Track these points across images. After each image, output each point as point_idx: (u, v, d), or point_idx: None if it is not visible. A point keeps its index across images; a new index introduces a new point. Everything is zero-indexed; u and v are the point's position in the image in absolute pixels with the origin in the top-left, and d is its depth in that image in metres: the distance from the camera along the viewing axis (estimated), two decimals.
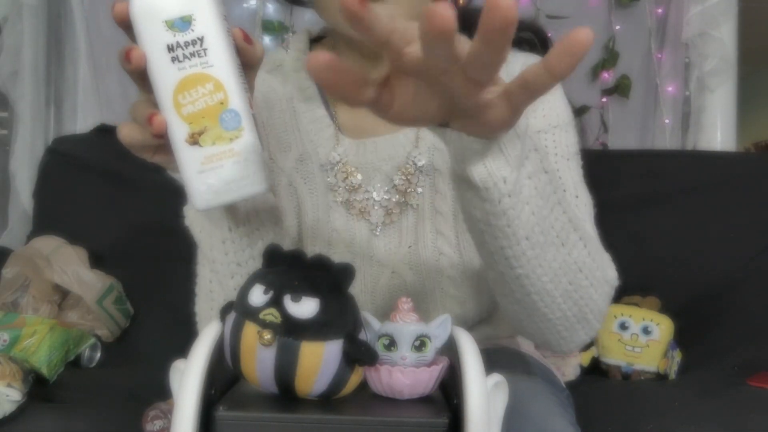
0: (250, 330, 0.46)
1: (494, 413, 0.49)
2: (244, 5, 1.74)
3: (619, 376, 1.21)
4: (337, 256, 0.80)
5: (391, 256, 0.79)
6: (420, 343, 0.50)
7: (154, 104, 0.51)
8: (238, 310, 0.48)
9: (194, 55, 0.49)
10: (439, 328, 0.52)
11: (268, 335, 0.45)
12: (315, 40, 0.86)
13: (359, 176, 0.79)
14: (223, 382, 0.51)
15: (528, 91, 0.44)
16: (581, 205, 0.71)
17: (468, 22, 0.79)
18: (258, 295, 0.47)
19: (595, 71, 1.77)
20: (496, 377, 0.49)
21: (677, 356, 1.19)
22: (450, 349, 0.52)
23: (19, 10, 1.57)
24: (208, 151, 0.51)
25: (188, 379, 0.46)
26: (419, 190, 0.78)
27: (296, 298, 0.46)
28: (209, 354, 0.48)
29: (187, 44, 0.49)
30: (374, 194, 0.79)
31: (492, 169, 0.52)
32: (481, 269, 0.77)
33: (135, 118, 0.52)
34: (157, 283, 1.33)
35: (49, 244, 1.28)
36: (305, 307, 0.46)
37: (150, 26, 0.49)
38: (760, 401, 0.94)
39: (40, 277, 1.22)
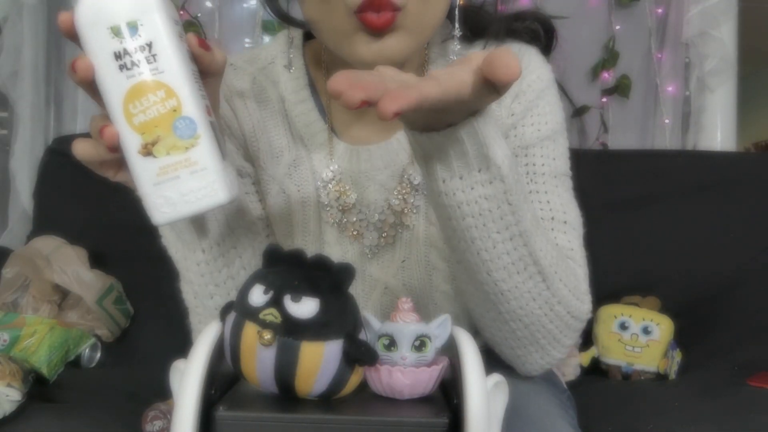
0: (250, 330, 0.46)
1: (494, 413, 0.49)
2: (244, 5, 1.74)
3: (619, 376, 1.21)
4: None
5: (383, 272, 0.77)
6: (420, 343, 0.50)
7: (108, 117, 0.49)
8: (238, 310, 0.48)
9: (143, 62, 0.47)
10: (439, 328, 0.52)
11: (268, 335, 0.45)
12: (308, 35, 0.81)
13: (353, 195, 0.76)
14: (223, 382, 0.51)
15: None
16: (570, 226, 0.71)
17: (467, 20, 0.79)
18: (258, 295, 0.47)
19: (595, 71, 1.77)
20: (496, 377, 0.49)
21: (677, 356, 1.19)
22: (450, 349, 0.52)
23: (19, 10, 1.57)
24: (162, 161, 0.48)
25: (188, 379, 0.46)
26: (415, 210, 0.76)
27: (296, 298, 0.46)
28: (209, 354, 0.48)
29: (135, 50, 0.47)
30: (369, 216, 0.76)
31: (433, 172, 0.56)
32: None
33: (91, 131, 0.50)
34: (157, 283, 1.32)
35: (49, 244, 1.28)
36: (305, 307, 0.46)
37: (95, 34, 0.47)
38: (760, 401, 0.94)
39: (40, 277, 1.22)
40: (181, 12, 1.64)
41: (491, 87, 0.47)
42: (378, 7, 0.61)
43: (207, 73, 0.52)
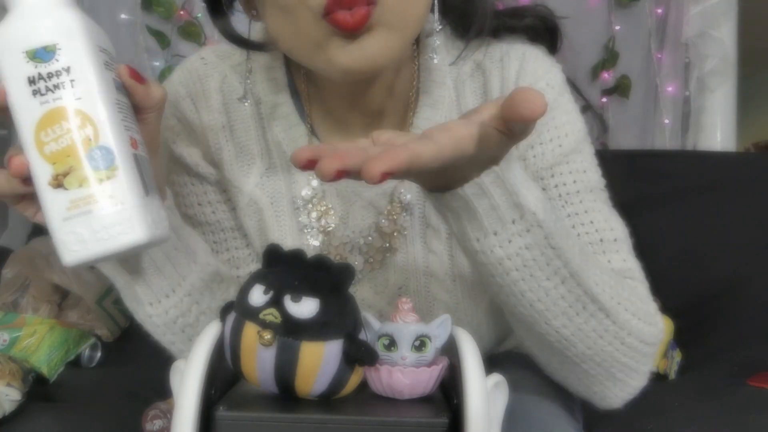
0: (250, 330, 0.46)
1: (494, 413, 0.49)
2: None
3: None
4: None
5: (378, 297, 0.71)
6: (420, 343, 0.50)
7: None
8: (238, 310, 0.48)
9: (58, 87, 0.44)
10: (439, 328, 0.52)
11: (268, 335, 0.45)
12: None
13: (336, 216, 0.69)
14: (223, 382, 0.51)
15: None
16: (621, 247, 0.66)
17: (452, 12, 0.71)
18: (258, 295, 0.47)
19: (595, 71, 1.77)
20: (496, 377, 0.49)
21: (677, 356, 1.19)
22: (450, 349, 0.52)
23: None
24: (73, 194, 0.44)
25: (188, 379, 0.46)
26: (405, 232, 0.69)
27: (296, 298, 0.46)
28: (209, 354, 0.48)
29: (50, 75, 0.44)
30: (353, 239, 0.70)
31: (465, 227, 0.52)
32: (480, 317, 0.73)
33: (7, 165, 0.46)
34: None
35: (49, 244, 1.27)
36: (305, 307, 0.46)
37: (9, 57, 0.44)
38: (760, 401, 0.94)
39: (40, 277, 1.22)
40: (181, 12, 1.64)
41: (510, 133, 0.44)
42: (349, 4, 0.52)
43: (141, 108, 0.50)
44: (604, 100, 1.78)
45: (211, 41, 1.65)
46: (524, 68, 0.68)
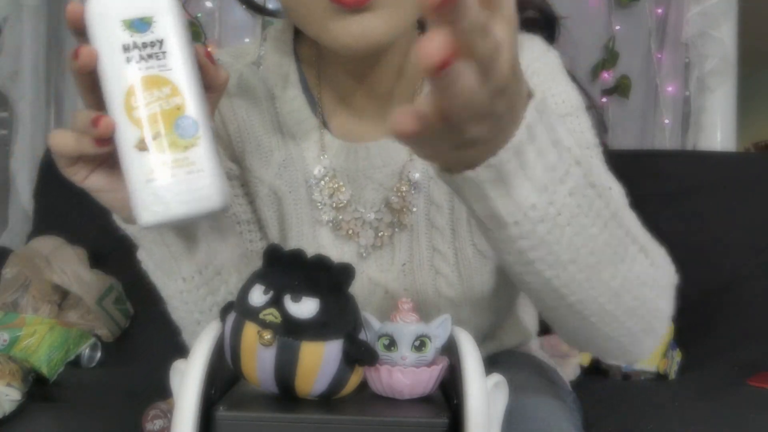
0: (250, 330, 0.46)
1: (494, 413, 0.49)
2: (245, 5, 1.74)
3: (619, 376, 1.21)
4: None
5: (383, 275, 0.73)
6: (420, 343, 0.50)
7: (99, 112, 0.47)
8: (238, 310, 0.48)
9: (152, 57, 0.47)
10: (439, 328, 0.52)
11: (268, 335, 0.45)
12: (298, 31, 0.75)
13: (348, 192, 0.71)
14: (223, 382, 0.51)
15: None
16: (617, 196, 0.63)
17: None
18: (258, 295, 0.47)
19: (595, 71, 1.77)
20: (496, 377, 0.49)
21: (677, 356, 1.19)
22: (450, 349, 0.52)
23: (19, 10, 1.58)
24: (159, 158, 0.47)
25: (188, 379, 0.46)
26: (414, 209, 0.71)
27: (296, 298, 0.46)
28: (209, 354, 0.48)
29: (144, 45, 0.47)
30: (364, 214, 0.71)
31: (518, 199, 0.45)
32: (483, 290, 0.73)
33: (73, 126, 0.48)
34: None
35: (49, 244, 1.28)
36: (305, 307, 0.46)
37: (106, 25, 0.47)
38: (760, 401, 0.94)
39: (40, 277, 1.22)
40: None
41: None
42: None
43: (209, 88, 0.51)
44: (604, 100, 1.78)
45: (211, 41, 1.65)
46: (520, 53, 0.66)
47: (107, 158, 0.51)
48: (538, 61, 0.69)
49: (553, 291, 0.52)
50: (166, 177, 0.47)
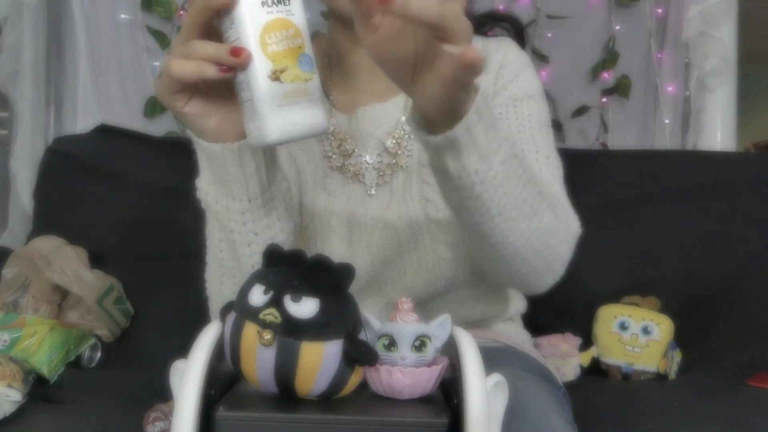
0: (250, 330, 0.46)
1: (494, 413, 0.49)
2: None
3: (619, 376, 1.21)
4: (335, 217, 0.84)
5: (383, 212, 0.85)
6: (420, 343, 0.50)
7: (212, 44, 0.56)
8: (238, 310, 0.48)
9: (281, 3, 0.56)
10: (439, 328, 0.52)
11: (268, 335, 0.45)
12: None
13: (353, 143, 0.86)
14: (223, 382, 0.51)
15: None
16: (551, 166, 0.82)
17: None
18: (258, 295, 0.47)
19: (595, 71, 1.77)
20: (496, 377, 0.49)
21: (677, 356, 1.19)
22: (450, 349, 0.52)
23: (19, 10, 1.57)
24: (287, 87, 0.56)
25: (188, 379, 0.46)
26: (408, 153, 0.86)
27: (296, 298, 0.46)
28: (209, 354, 0.48)
29: None
30: (367, 158, 0.86)
31: (465, 164, 0.60)
32: None
33: (190, 55, 0.56)
34: (157, 283, 1.33)
35: (49, 244, 1.27)
36: (305, 307, 0.46)
37: None
38: (760, 401, 0.94)
39: (40, 277, 1.21)
40: (181, 12, 1.64)
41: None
42: None
43: None
44: (604, 100, 1.78)
45: None
46: (508, 51, 0.91)
47: (202, 88, 0.60)
48: (512, 54, 0.90)
49: (480, 233, 0.67)
50: (291, 104, 0.56)
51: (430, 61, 0.52)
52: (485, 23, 1.02)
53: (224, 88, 0.59)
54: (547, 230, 0.70)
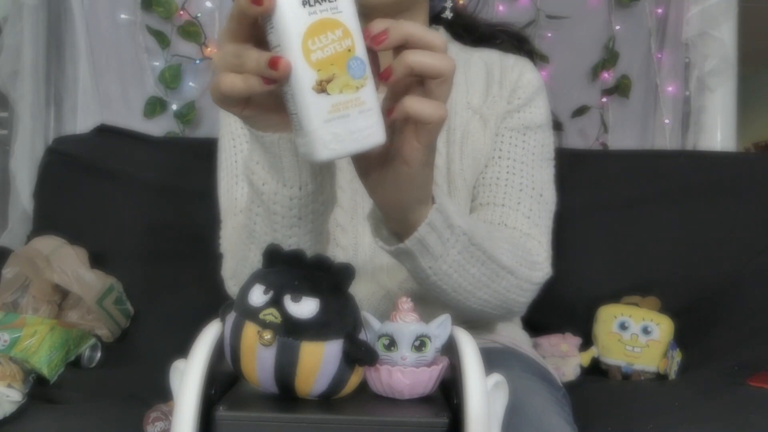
0: (250, 330, 0.46)
1: (494, 413, 0.49)
2: None
3: (619, 376, 1.21)
4: (340, 191, 0.87)
5: None
6: (420, 343, 0.50)
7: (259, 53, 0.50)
8: (238, 310, 0.48)
9: (324, 0, 0.48)
10: (439, 328, 0.52)
11: (268, 335, 0.45)
12: None
13: None
14: (223, 382, 0.51)
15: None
16: (543, 203, 0.86)
17: (460, 21, 0.86)
18: (258, 295, 0.47)
19: (595, 71, 1.77)
20: (496, 377, 0.49)
21: (677, 356, 1.19)
22: (450, 349, 0.52)
23: (19, 10, 1.57)
24: (335, 99, 0.49)
25: (188, 379, 0.46)
26: None
27: (296, 298, 0.46)
28: (209, 354, 0.48)
29: None
30: None
31: (418, 264, 0.66)
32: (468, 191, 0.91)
33: (238, 67, 0.50)
34: (157, 283, 1.33)
35: (49, 244, 1.28)
36: (305, 307, 0.46)
37: None
38: (760, 401, 0.94)
39: (40, 277, 1.21)
40: (181, 12, 1.64)
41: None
42: None
43: None
44: (604, 100, 1.78)
45: (211, 41, 1.65)
46: (524, 71, 0.94)
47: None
48: (529, 74, 0.93)
49: (441, 293, 0.72)
50: (341, 117, 0.49)
51: (398, 150, 0.54)
52: (495, 36, 1.04)
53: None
54: (506, 290, 0.76)
